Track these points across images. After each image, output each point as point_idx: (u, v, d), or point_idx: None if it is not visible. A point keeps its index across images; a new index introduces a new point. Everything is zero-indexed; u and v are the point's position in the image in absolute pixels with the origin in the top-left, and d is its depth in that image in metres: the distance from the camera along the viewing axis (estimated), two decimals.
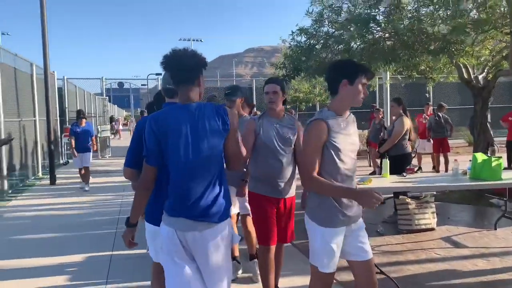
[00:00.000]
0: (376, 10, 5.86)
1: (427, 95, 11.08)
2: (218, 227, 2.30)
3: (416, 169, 9.86)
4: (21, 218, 6.86)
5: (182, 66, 2.32)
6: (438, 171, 9.76)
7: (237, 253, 4.28)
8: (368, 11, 5.79)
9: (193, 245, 2.28)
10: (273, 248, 3.39)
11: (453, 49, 5.54)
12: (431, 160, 10.31)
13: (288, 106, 16.17)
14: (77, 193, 8.80)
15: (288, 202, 3.48)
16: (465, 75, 7.42)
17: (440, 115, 10.05)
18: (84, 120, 9.15)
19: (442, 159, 9.98)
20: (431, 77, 9.34)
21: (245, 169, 3.74)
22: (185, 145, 2.27)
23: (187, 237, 2.27)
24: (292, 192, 3.51)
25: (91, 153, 9.21)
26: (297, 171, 3.51)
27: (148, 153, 2.32)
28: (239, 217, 4.39)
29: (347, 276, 2.86)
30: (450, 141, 10.33)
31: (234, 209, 4.20)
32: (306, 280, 4.00)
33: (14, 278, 4.28)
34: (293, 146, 3.44)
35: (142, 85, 36.21)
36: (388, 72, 10.44)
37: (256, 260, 4.02)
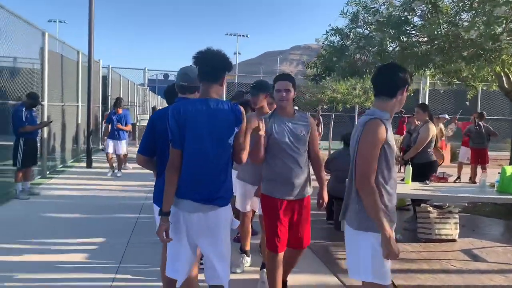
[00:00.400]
0: (411, 13, 5.72)
1: (467, 103, 10.65)
2: (220, 210, 2.59)
3: (455, 179, 9.59)
4: (55, 197, 7.25)
5: (213, 64, 2.59)
6: (474, 182, 9.41)
7: (248, 247, 4.35)
8: (404, 13, 5.67)
9: (198, 226, 2.57)
10: (280, 255, 3.27)
11: (491, 57, 5.34)
12: (470, 170, 9.96)
13: (325, 106, 16.00)
14: (109, 177, 9.18)
15: (303, 203, 3.33)
16: (506, 85, 7.12)
17: (481, 124, 9.68)
18: (120, 109, 9.50)
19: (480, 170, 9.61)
20: (473, 85, 9.00)
21: None
22: (200, 135, 2.54)
23: (192, 218, 2.56)
24: (308, 191, 3.37)
25: (125, 141, 9.55)
26: (311, 171, 3.46)
27: (173, 138, 2.56)
28: (256, 214, 4.45)
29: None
30: (494, 153, 9.90)
31: (252, 206, 4.28)
32: (313, 278, 4.04)
33: (35, 253, 4.55)
34: (307, 144, 3.34)
35: None
36: (427, 78, 10.15)
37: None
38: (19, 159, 6.82)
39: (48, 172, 9.17)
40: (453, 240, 5.38)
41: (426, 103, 11.31)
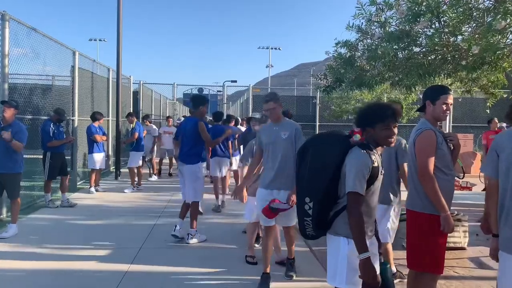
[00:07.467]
0: (413, 25, 5.82)
1: (488, 111, 10.42)
2: (188, 166, 5.52)
3: (483, 188, 9.35)
4: (82, 206, 7.72)
5: (192, 101, 5.73)
6: None
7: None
8: (406, 26, 5.77)
9: (183, 172, 5.57)
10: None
11: (492, 64, 5.38)
12: None
13: (350, 117, 16.00)
14: (134, 189, 9.58)
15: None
16: None
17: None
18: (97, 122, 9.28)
19: None
20: (492, 93, 8.88)
21: None
22: (182, 133, 5.73)
23: (180, 168, 5.64)
24: None
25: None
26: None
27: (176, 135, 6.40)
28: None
29: None
30: None
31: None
32: (314, 285, 4.16)
33: (53, 252, 4.94)
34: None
35: (218, 91, 37.80)
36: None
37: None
38: (46, 171, 7.31)
39: (78, 184, 9.70)
40: (463, 248, 5.38)
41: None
